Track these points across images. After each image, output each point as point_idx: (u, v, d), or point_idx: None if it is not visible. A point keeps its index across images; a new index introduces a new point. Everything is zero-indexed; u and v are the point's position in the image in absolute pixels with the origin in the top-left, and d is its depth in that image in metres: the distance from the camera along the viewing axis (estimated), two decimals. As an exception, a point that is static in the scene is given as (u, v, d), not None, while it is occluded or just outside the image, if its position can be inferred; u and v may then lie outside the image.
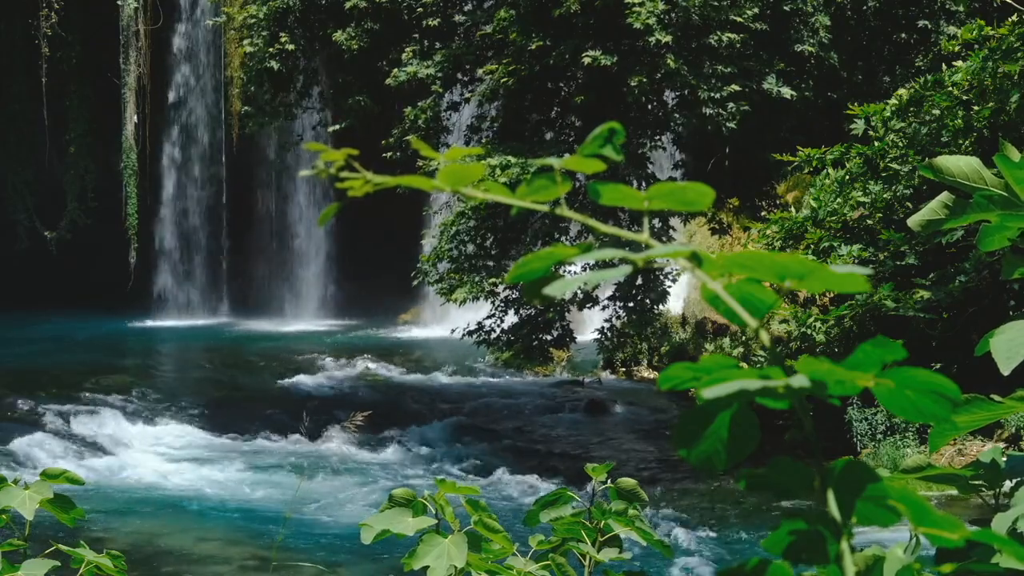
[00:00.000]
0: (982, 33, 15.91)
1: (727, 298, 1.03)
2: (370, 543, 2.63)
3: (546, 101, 20.64)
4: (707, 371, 1.02)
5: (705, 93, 18.33)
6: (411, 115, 20.08)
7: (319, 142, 7.30)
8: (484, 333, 20.13)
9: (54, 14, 35.23)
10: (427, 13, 20.42)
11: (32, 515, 2.73)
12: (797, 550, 1.04)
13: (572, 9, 18.36)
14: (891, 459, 15.77)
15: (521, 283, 1.08)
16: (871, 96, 18.45)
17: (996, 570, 1.23)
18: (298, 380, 25.39)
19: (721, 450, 1.05)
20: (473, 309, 21.62)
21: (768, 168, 19.61)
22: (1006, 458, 1.72)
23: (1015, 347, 1.62)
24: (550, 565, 2.68)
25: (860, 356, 1.02)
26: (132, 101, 35.59)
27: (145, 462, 18.80)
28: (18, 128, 36.79)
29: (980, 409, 1.64)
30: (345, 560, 13.60)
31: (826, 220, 16.53)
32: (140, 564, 13.35)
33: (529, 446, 20.59)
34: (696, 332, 26.16)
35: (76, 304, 34.62)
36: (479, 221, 19.34)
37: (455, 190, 1.11)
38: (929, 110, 16.08)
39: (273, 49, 21.36)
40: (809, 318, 16.39)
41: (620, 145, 1.11)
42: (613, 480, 2.80)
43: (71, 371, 24.91)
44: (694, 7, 18.04)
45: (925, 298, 15.84)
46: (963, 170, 1.81)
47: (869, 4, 19.92)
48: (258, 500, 16.73)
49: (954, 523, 1.04)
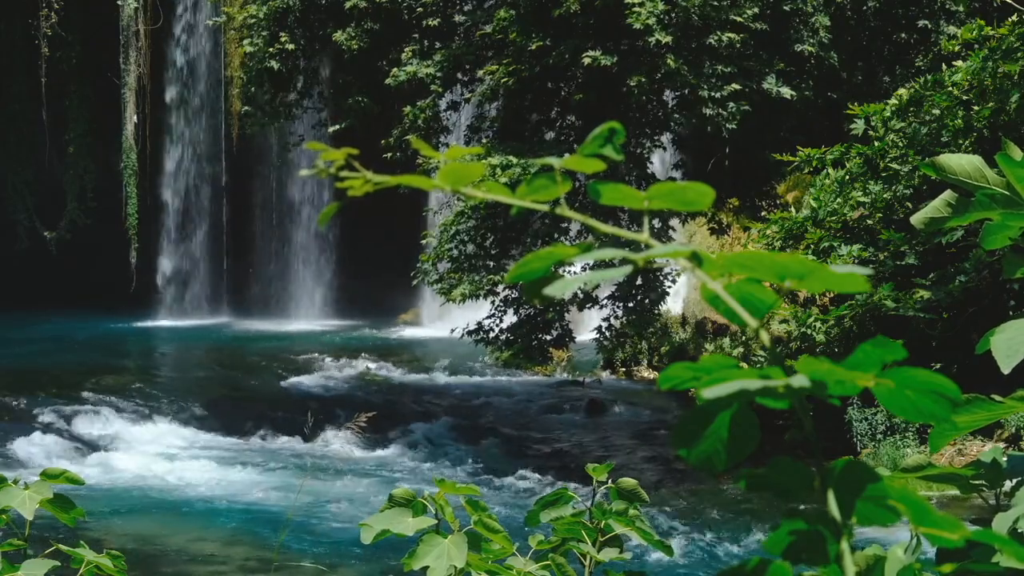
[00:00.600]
0: (982, 33, 15.90)
1: (727, 298, 1.03)
2: (370, 543, 2.63)
3: (546, 101, 20.64)
4: (707, 371, 1.02)
5: (705, 93, 18.33)
6: (411, 115, 20.08)
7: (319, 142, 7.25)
8: (484, 333, 20.13)
9: (54, 14, 35.24)
10: (427, 13, 20.42)
11: (32, 515, 2.73)
12: (797, 550, 1.04)
13: (572, 9, 18.36)
14: (891, 459, 15.77)
15: (521, 283, 1.07)
16: (871, 96, 18.45)
17: (996, 570, 1.23)
18: (298, 380, 25.40)
19: (721, 450, 1.05)
20: (473, 309, 21.62)
21: (768, 168, 19.61)
22: (1006, 458, 1.72)
23: (1015, 346, 1.62)
24: (550, 565, 2.68)
25: (860, 356, 1.02)
26: (132, 101, 35.59)
27: (145, 462, 18.79)
28: (18, 128, 36.80)
29: (980, 409, 1.64)
30: (345, 560, 13.60)
31: (826, 220, 16.53)
32: (140, 564, 13.35)
33: (529, 446, 20.59)
34: (696, 332, 26.16)
35: (76, 304, 34.62)
36: (479, 221, 19.34)
37: (455, 190, 1.11)
38: (929, 110, 16.08)
39: (273, 49, 21.36)
40: (809, 318, 16.39)
41: (620, 145, 1.11)
42: (613, 480, 2.80)
43: (71, 371, 24.91)
44: (694, 7, 18.03)
45: (925, 298, 15.84)
46: (965, 168, 1.81)
47: (869, 4, 19.92)
48: (258, 500, 16.73)
49: (954, 523, 1.04)
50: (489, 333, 20.14)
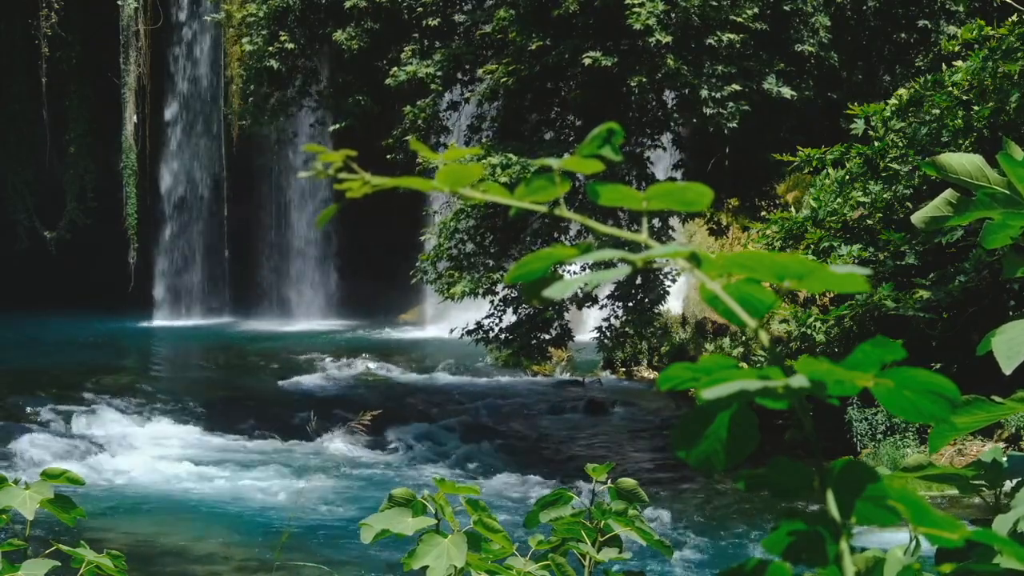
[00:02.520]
0: (982, 33, 15.90)
1: (726, 298, 1.03)
2: (370, 543, 2.63)
3: (546, 101, 20.63)
4: (706, 371, 1.02)
5: (705, 93, 18.32)
6: (411, 115, 20.08)
7: (318, 142, 7.34)
8: (483, 332, 20.12)
9: (54, 14, 35.24)
10: (427, 13, 20.42)
11: (33, 515, 2.73)
12: (796, 551, 1.04)
13: (571, 9, 18.36)
14: (891, 459, 15.77)
15: (520, 283, 1.07)
16: (871, 96, 18.45)
17: (996, 570, 1.23)
18: (298, 380, 25.40)
19: (720, 451, 1.05)
20: (472, 308, 21.62)
21: (768, 168, 19.60)
22: (1006, 458, 1.72)
23: (1016, 347, 1.62)
24: (550, 565, 2.68)
25: (859, 356, 1.02)
26: (132, 101, 35.59)
27: (145, 462, 18.79)
28: (18, 128, 36.79)
29: (980, 410, 1.64)
30: (345, 560, 13.60)
31: (826, 220, 16.53)
32: (140, 564, 13.35)
33: (529, 446, 20.59)
34: (696, 332, 26.16)
35: (76, 304, 34.61)
36: (479, 220, 19.34)
37: (454, 191, 1.11)
38: (929, 110, 16.08)
39: (273, 48, 21.36)
40: (809, 318, 16.39)
41: (619, 145, 1.11)
42: (613, 480, 2.80)
43: (71, 371, 24.91)
44: (694, 7, 18.02)
45: (925, 298, 15.84)
46: (966, 168, 1.81)
47: (869, 4, 19.91)
48: (258, 500, 16.73)
49: (954, 523, 1.04)
50: (488, 332, 20.13)
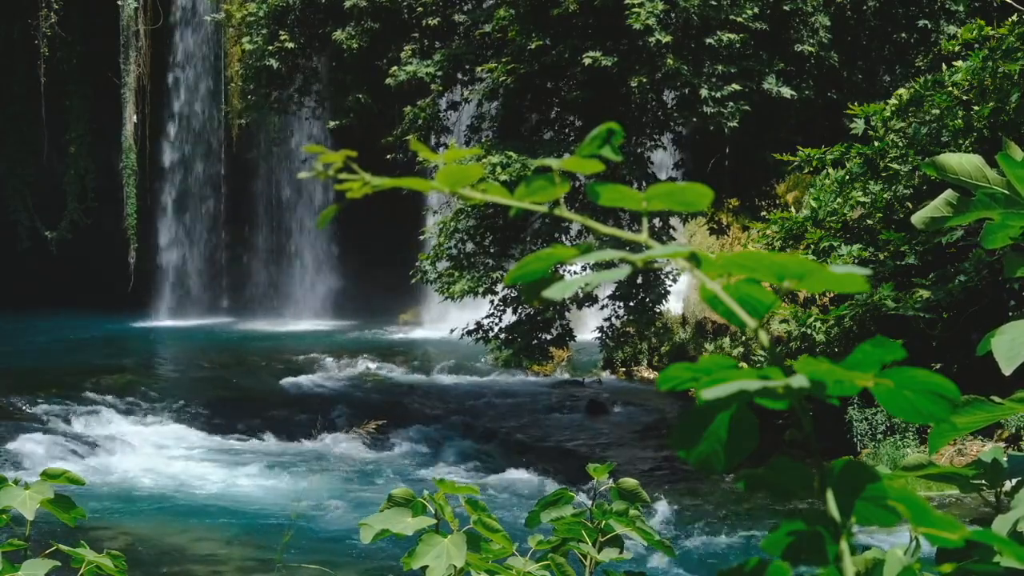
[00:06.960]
0: (982, 33, 15.91)
1: (726, 298, 1.03)
2: (369, 542, 2.63)
3: (546, 100, 20.63)
4: (706, 371, 1.02)
5: (705, 92, 18.32)
6: (411, 114, 20.08)
7: (318, 142, 7.28)
8: (483, 332, 20.11)
9: (54, 14, 35.22)
10: (427, 12, 20.42)
11: (33, 515, 2.74)
12: (796, 551, 1.04)
13: (571, 9, 18.36)
14: (891, 459, 15.77)
15: (520, 284, 1.07)
16: (871, 96, 18.45)
17: (996, 570, 1.23)
18: (298, 380, 25.39)
19: (720, 451, 1.05)
20: (473, 308, 21.61)
21: (768, 168, 19.61)
22: (1006, 458, 1.72)
23: (1016, 347, 1.62)
24: (550, 565, 2.68)
25: (859, 356, 1.02)
26: (132, 101, 35.57)
27: (145, 462, 18.79)
28: (18, 128, 36.79)
29: (980, 410, 1.64)
30: (345, 560, 13.59)
31: (826, 220, 16.53)
32: (140, 564, 13.35)
33: (529, 446, 20.58)
34: (696, 332, 26.16)
35: (76, 304, 34.62)
36: (478, 220, 19.34)
37: (454, 191, 1.11)
38: (929, 110, 16.08)
39: (272, 47, 21.36)
40: (809, 318, 16.39)
41: (618, 146, 1.11)
42: (614, 480, 2.80)
43: (71, 371, 24.90)
44: (694, 7, 18.02)
45: (925, 298, 15.83)
46: (966, 168, 1.81)
47: (869, 4, 19.91)
48: (258, 500, 16.73)
49: (954, 523, 1.04)
50: (488, 332, 20.12)
